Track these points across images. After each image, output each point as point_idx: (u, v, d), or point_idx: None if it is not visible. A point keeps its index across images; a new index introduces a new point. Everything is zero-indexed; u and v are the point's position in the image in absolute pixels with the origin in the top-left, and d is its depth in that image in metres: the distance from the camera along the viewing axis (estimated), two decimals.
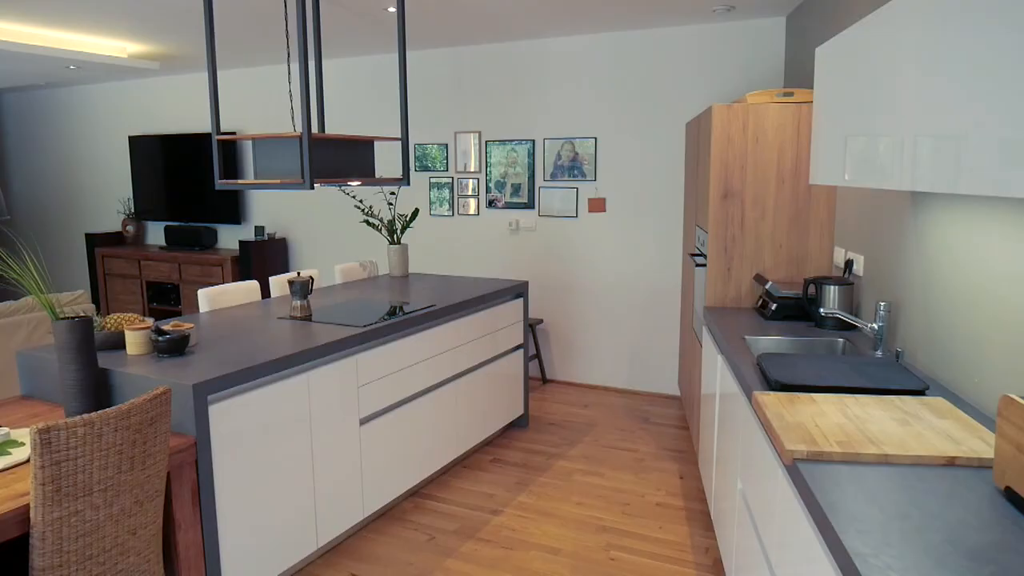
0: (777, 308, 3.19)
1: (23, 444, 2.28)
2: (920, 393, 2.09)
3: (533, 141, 5.49)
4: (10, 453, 2.22)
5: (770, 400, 2.01)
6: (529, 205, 5.57)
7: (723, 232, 3.51)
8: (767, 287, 3.26)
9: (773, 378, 2.19)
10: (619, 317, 5.39)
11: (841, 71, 2.25)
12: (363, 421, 3.21)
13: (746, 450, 2.35)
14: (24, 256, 8.89)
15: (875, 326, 2.58)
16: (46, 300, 2.37)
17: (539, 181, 5.51)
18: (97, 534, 2.00)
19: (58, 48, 5.20)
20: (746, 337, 2.88)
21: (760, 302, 3.40)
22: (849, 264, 3.13)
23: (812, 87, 3.83)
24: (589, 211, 5.35)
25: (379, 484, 3.34)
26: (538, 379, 5.75)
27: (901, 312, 2.56)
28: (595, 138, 5.26)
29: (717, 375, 3.05)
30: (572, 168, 5.37)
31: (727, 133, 3.43)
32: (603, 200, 5.29)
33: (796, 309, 3.17)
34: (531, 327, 5.56)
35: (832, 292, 3.00)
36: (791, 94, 3.38)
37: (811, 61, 3.92)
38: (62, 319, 2.35)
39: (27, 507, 1.91)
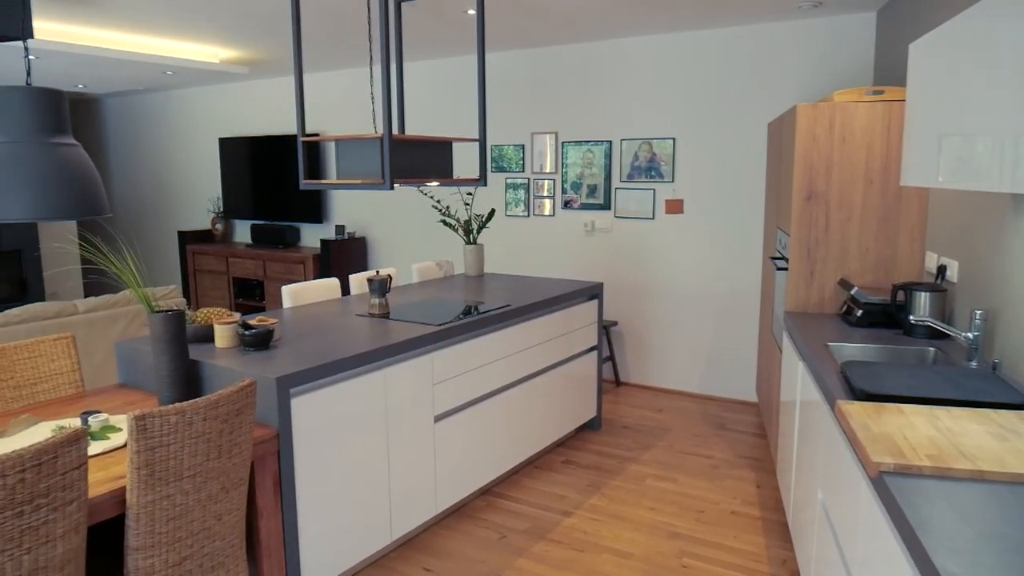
0: (863, 314, 3.07)
1: (120, 430, 2.41)
2: (1020, 408, 1.98)
3: (610, 142, 5.45)
4: (108, 438, 2.35)
5: (855, 410, 1.94)
6: (605, 206, 5.53)
7: (806, 235, 3.41)
8: (853, 292, 3.15)
9: (858, 387, 2.11)
10: (695, 320, 5.30)
11: (937, 67, 2.15)
12: (437, 418, 3.26)
13: (828, 461, 2.27)
14: (124, 252, 9.39)
15: (970, 335, 2.45)
16: (143, 294, 2.50)
17: (615, 182, 5.47)
18: (186, 518, 2.09)
19: (156, 55, 5.47)
20: (829, 344, 2.79)
21: (845, 308, 3.28)
22: (942, 270, 2.99)
23: (904, 85, 3.68)
24: (666, 212, 5.28)
25: (452, 481, 3.38)
26: (612, 381, 5.70)
27: (999, 321, 2.43)
28: (673, 138, 5.18)
29: (798, 382, 2.96)
30: (649, 169, 5.30)
31: (812, 133, 3.32)
32: (681, 201, 5.21)
33: (883, 316, 3.05)
34: (605, 329, 5.52)
35: (923, 299, 2.87)
36: (881, 92, 3.25)
37: (903, 57, 3.76)
38: (158, 312, 2.47)
39: (123, 489, 2.02)
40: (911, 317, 2.86)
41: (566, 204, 5.71)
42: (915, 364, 2.41)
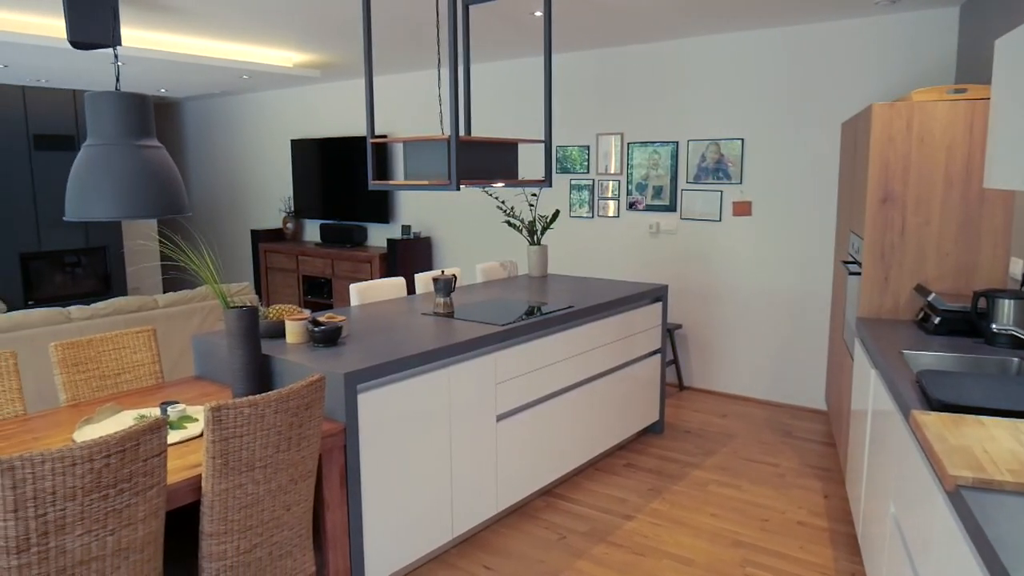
0: (941, 322, 2.95)
1: (196, 420, 2.51)
2: None
3: (676, 143, 5.39)
4: (185, 427, 2.45)
5: (931, 421, 1.87)
6: (670, 208, 5.47)
7: (880, 238, 3.30)
8: (930, 299, 3.03)
9: (935, 397, 2.04)
10: (762, 325, 5.18)
11: None
12: (499, 418, 3.28)
13: (901, 473, 2.19)
14: (201, 250, 9.76)
15: None
16: (220, 291, 2.60)
17: (681, 183, 5.40)
18: (257, 507, 2.17)
19: (234, 60, 5.66)
20: (904, 352, 2.69)
21: (921, 315, 3.17)
22: None
23: (988, 82, 3.52)
24: (734, 214, 5.18)
25: (513, 480, 3.40)
26: (675, 385, 5.63)
27: None
28: (742, 139, 5.09)
29: (870, 391, 2.87)
30: (717, 170, 5.22)
31: (888, 133, 3.21)
32: (749, 203, 5.11)
33: (963, 324, 2.93)
34: (669, 332, 5.46)
35: (1007, 306, 2.74)
36: (964, 90, 3.12)
37: (988, 54, 3.60)
38: (233, 308, 2.56)
39: (199, 477, 2.10)
40: (993, 325, 2.74)
41: (631, 205, 5.67)
42: (997, 375, 2.31)
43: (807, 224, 4.91)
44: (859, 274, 3.43)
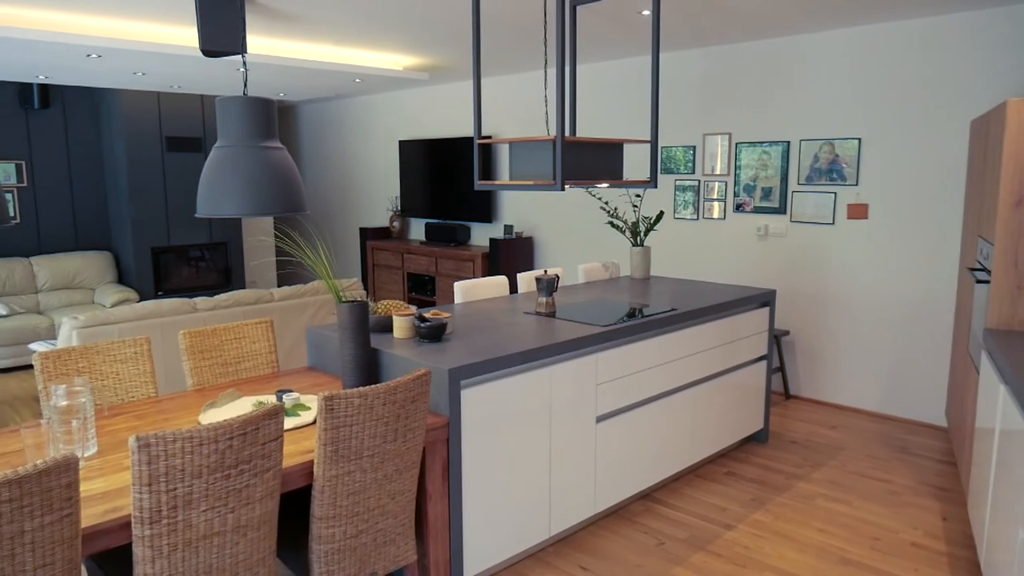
0: None
1: (309, 408, 2.64)
2: None
3: (788, 142, 5.20)
4: (299, 415, 2.58)
5: None
6: (780, 210, 5.29)
7: (1014, 244, 3.08)
8: None
9: None
10: (877, 333, 4.93)
11: None
12: (599, 419, 3.27)
13: None
14: (316, 246, 10.20)
15: None
16: (333, 285, 2.71)
17: (792, 185, 5.22)
18: (364, 494, 2.25)
19: (348, 64, 5.89)
20: None
21: None
22: None
23: None
24: (848, 217, 4.96)
25: (612, 482, 3.38)
26: (781, 393, 5.45)
27: None
28: (858, 139, 4.86)
29: (998, 408, 2.68)
30: (830, 171, 5.01)
31: None
32: (865, 206, 4.87)
33: None
34: (776, 338, 5.28)
35: None
36: None
37: None
38: (345, 302, 2.67)
39: (311, 463, 2.21)
40: None
41: (738, 207, 5.52)
42: None
43: (929, 228, 4.63)
44: (988, 282, 3.21)
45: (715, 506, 3.62)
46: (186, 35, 4.86)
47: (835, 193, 5.00)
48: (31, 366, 6.48)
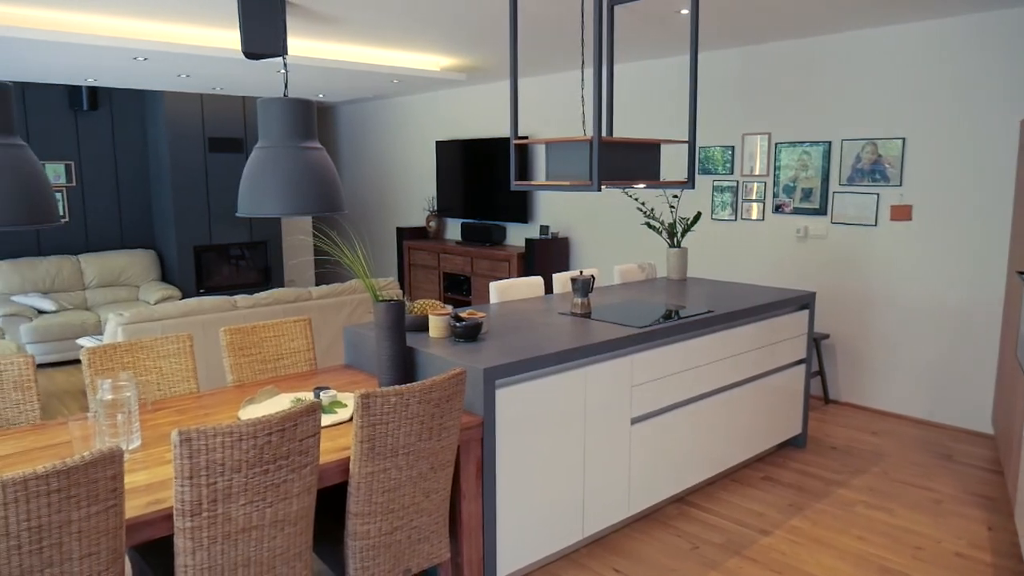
0: None
1: (345, 406, 2.67)
2: None
3: (829, 143, 5.12)
4: (336, 412, 2.61)
5: None
6: (820, 211, 5.20)
7: None
8: None
9: None
10: (920, 338, 4.82)
11: None
12: (634, 421, 3.25)
13: None
14: (354, 245, 10.32)
15: None
16: (371, 284, 2.74)
17: (833, 185, 5.13)
18: (399, 491, 2.27)
19: (385, 65, 5.95)
20: None
21: None
22: None
23: None
24: (891, 219, 4.86)
25: (646, 485, 3.36)
26: (820, 398, 5.36)
27: None
28: (903, 139, 4.76)
29: None
30: (873, 172, 4.91)
31: None
32: (909, 207, 4.77)
33: None
34: (815, 342, 5.20)
35: None
36: None
37: None
38: (382, 301, 2.69)
39: (347, 460, 2.23)
40: None
41: (777, 208, 5.45)
42: None
43: (976, 230, 4.52)
44: None
45: (751, 511, 3.58)
46: (229, 38, 4.96)
47: (878, 194, 4.91)
48: (78, 361, 6.67)
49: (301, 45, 5.35)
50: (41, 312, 6.71)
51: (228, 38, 4.97)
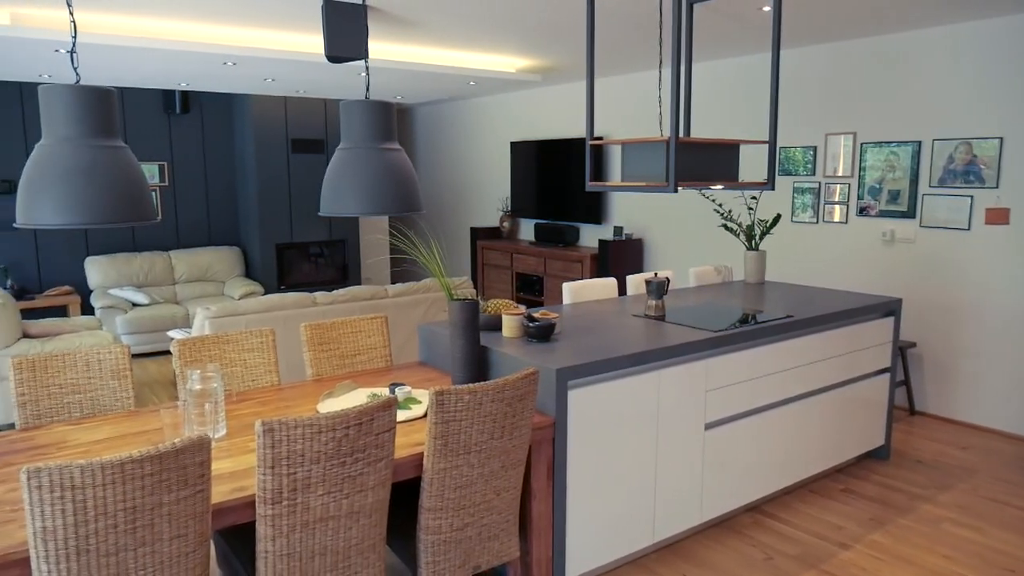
0: None
1: (420, 402, 2.71)
2: None
3: (919, 143, 4.90)
4: (410, 408, 2.66)
5: None
6: (908, 214, 4.99)
7: None
8: None
9: None
10: (1017, 348, 4.57)
11: None
12: (708, 426, 3.20)
13: None
14: (428, 244, 10.48)
15: None
16: (446, 283, 2.78)
17: (923, 187, 4.91)
18: (470, 488, 2.30)
19: (463, 67, 6.02)
20: None
21: None
22: None
23: None
24: (986, 222, 4.62)
25: (719, 492, 3.30)
26: (904, 409, 5.14)
27: None
28: (1000, 138, 4.52)
29: None
30: (967, 173, 4.68)
31: None
32: (1007, 211, 4.53)
33: None
34: (901, 350, 4.99)
35: None
36: None
37: None
38: (456, 300, 2.73)
39: (421, 455, 2.27)
40: None
41: (861, 211, 5.25)
42: None
43: None
44: None
45: (830, 523, 3.46)
46: (312, 42, 5.11)
47: (971, 196, 4.67)
48: (168, 351, 7.00)
49: (381, 48, 5.46)
50: (135, 305, 7.07)
51: (312, 43, 5.12)
